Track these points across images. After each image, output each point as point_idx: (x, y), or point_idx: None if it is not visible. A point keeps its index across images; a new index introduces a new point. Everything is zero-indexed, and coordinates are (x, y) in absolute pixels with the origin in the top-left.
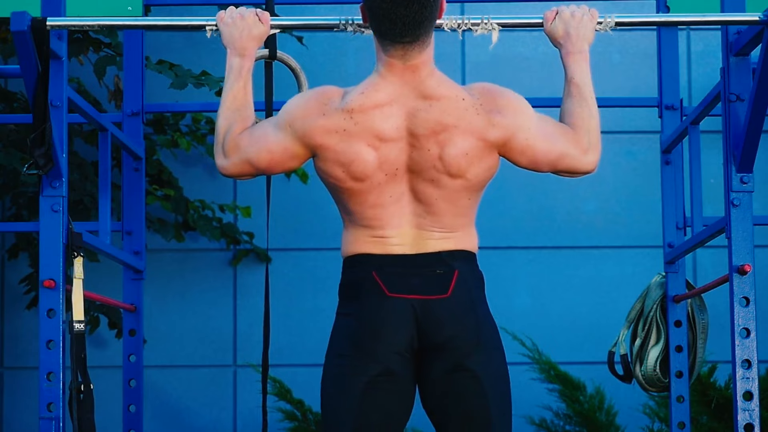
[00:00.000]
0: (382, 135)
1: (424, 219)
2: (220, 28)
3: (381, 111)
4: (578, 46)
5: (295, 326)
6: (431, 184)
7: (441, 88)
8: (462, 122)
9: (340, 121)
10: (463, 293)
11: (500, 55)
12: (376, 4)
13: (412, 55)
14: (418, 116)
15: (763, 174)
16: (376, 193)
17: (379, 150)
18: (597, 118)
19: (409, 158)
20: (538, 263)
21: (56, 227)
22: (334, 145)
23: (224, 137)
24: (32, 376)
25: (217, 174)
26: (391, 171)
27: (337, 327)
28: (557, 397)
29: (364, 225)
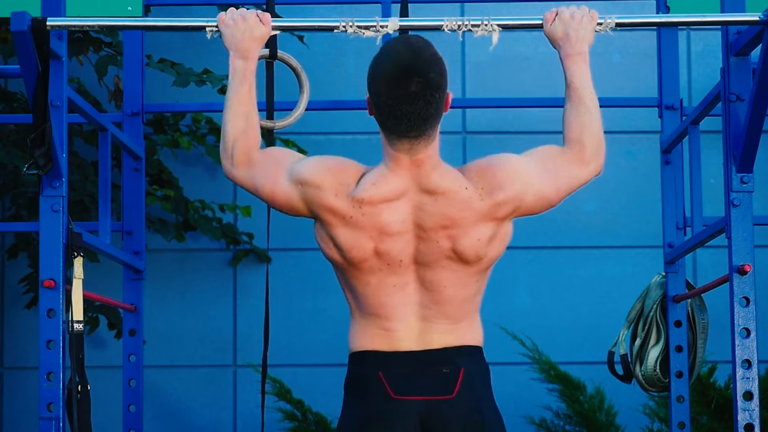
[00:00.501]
0: (388, 229)
1: (429, 310)
2: (221, 30)
3: (389, 205)
4: (577, 48)
5: (295, 326)
6: (441, 271)
7: (444, 181)
8: (469, 213)
9: (349, 208)
10: (468, 392)
11: (500, 56)
12: (382, 101)
13: (417, 149)
14: (425, 210)
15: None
16: (378, 279)
17: (381, 243)
18: (598, 120)
19: (416, 250)
20: (538, 263)
21: (56, 227)
22: (337, 227)
23: (233, 144)
24: (32, 376)
25: (217, 174)
26: (395, 262)
27: (342, 421)
28: (557, 397)
29: (370, 313)
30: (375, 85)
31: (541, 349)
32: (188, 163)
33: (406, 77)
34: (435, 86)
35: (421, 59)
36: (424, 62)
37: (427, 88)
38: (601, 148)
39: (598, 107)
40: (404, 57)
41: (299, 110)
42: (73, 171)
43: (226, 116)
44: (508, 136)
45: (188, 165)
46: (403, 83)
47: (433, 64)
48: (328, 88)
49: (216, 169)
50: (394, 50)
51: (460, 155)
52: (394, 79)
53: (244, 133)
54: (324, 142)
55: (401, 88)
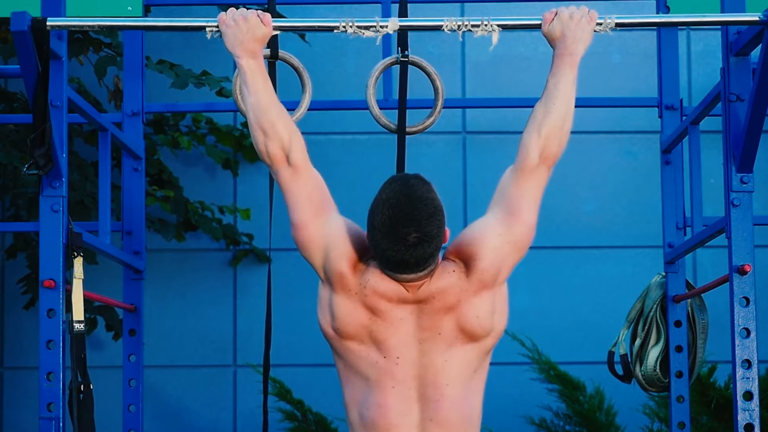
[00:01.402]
0: (386, 317)
1: (429, 422)
2: (222, 31)
3: (389, 301)
4: (571, 48)
5: (295, 326)
6: (443, 366)
7: (439, 282)
8: (463, 294)
9: (357, 286)
10: None
11: (500, 56)
12: (379, 249)
13: (419, 279)
14: (424, 310)
15: (763, 174)
16: (376, 372)
17: (376, 326)
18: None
19: (418, 351)
20: (538, 263)
21: (56, 227)
22: (339, 296)
23: (290, 139)
24: (32, 376)
25: (217, 174)
26: (392, 356)
27: None
28: (557, 397)
29: (371, 427)
30: (372, 233)
31: (541, 349)
32: (188, 164)
33: (403, 231)
34: (432, 237)
35: (418, 211)
36: (422, 215)
37: (425, 241)
38: (555, 147)
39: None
40: (401, 209)
41: (302, 109)
42: (73, 171)
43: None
44: (508, 136)
45: (188, 165)
46: (400, 236)
47: (431, 216)
48: (328, 88)
49: (216, 169)
50: (393, 199)
51: (460, 155)
52: (391, 232)
53: (291, 127)
54: (324, 142)
55: (398, 242)
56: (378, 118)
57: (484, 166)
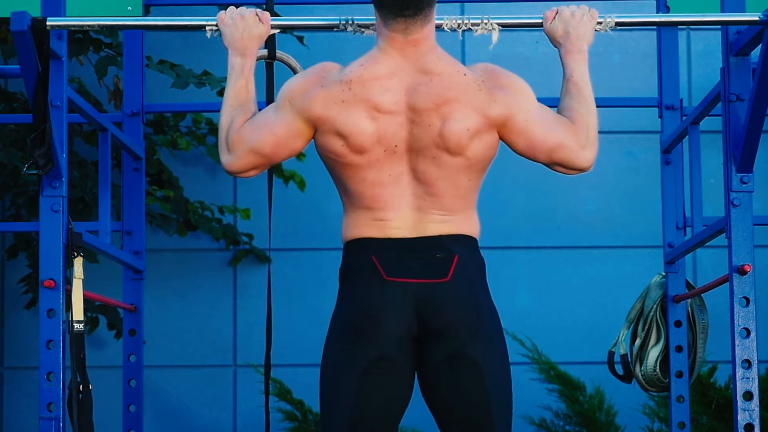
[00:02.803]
0: (381, 107)
1: (424, 201)
2: (221, 29)
3: (380, 83)
4: (577, 46)
5: (296, 326)
6: (432, 163)
7: (442, 62)
8: (464, 96)
9: (339, 92)
10: (463, 278)
11: (500, 55)
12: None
13: (413, 30)
14: (419, 90)
15: (763, 174)
16: (376, 170)
17: (377, 122)
18: (595, 116)
19: (409, 134)
20: (538, 263)
21: (56, 227)
22: (333, 116)
23: (227, 133)
24: (32, 376)
25: (217, 174)
26: (390, 147)
27: (336, 312)
28: (557, 397)
29: (364, 207)
30: None
31: (541, 349)
32: (188, 164)
33: None
34: None
35: None
36: None
37: None
38: (596, 143)
39: (595, 106)
40: None
41: None
42: (73, 169)
43: (223, 111)
44: None
45: (188, 165)
46: None
47: None
48: None
49: (216, 170)
50: None
51: None
52: None
53: (237, 119)
54: None
55: None
56: None
57: None
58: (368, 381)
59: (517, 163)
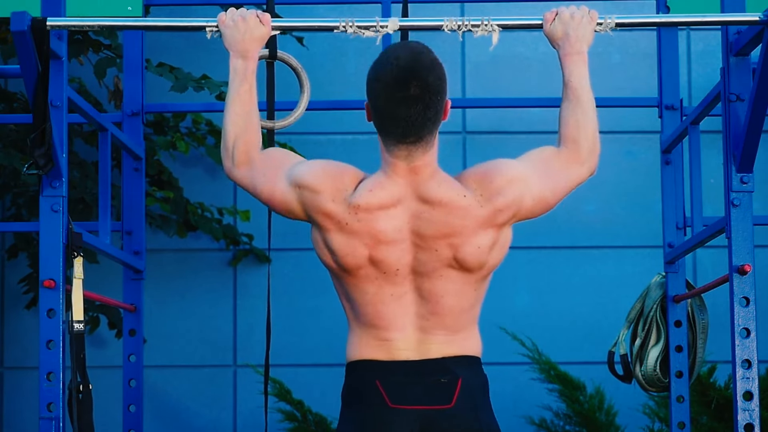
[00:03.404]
0: (383, 237)
1: (427, 320)
2: (222, 31)
3: (385, 212)
4: (576, 48)
5: (296, 326)
6: (439, 280)
7: (442, 189)
8: (469, 221)
9: (345, 214)
10: (466, 402)
11: (500, 56)
12: (380, 104)
13: (415, 156)
14: (422, 218)
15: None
16: (375, 288)
17: (377, 250)
18: (594, 120)
19: (414, 259)
20: (538, 263)
21: (56, 227)
22: (332, 232)
23: (233, 144)
24: (32, 376)
25: (217, 175)
26: (391, 271)
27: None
28: (557, 397)
29: (367, 324)
30: (374, 88)
31: (541, 349)
32: (188, 164)
33: (405, 80)
34: (434, 90)
35: (420, 63)
36: (424, 66)
37: (426, 92)
38: (596, 149)
39: (595, 108)
40: (404, 60)
41: (300, 110)
42: (73, 169)
43: (227, 116)
44: (508, 136)
45: (188, 166)
46: (402, 86)
47: (432, 68)
48: (328, 89)
49: (216, 170)
50: (394, 54)
51: (460, 155)
52: (393, 81)
53: (244, 132)
54: (324, 142)
55: (400, 90)
56: None
57: None
58: None
59: None
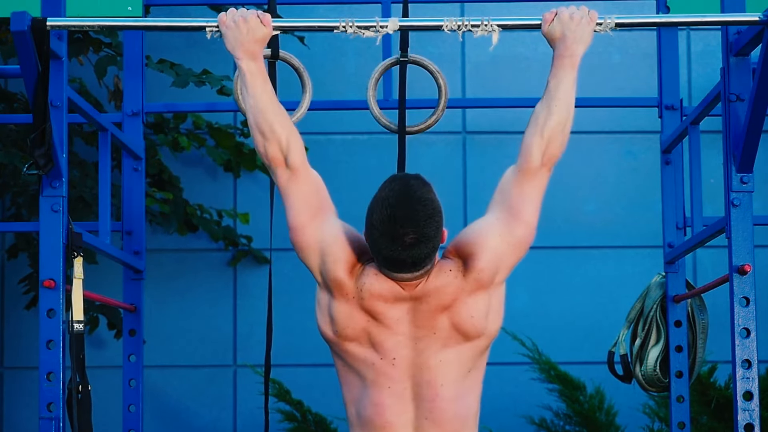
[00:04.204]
0: (383, 319)
1: (426, 419)
2: (223, 32)
3: (386, 302)
4: (572, 49)
5: (295, 327)
6: (439, 367)
7: (436, 280)
8: (460, 292)
9: (353, 290)
10: None
11: (500, 56)
12: (376, 247)
13: (415, 278)
14: (420, 309)
15: (763, 174)
16: (373, 373)
17: (375, 329)
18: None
19: (414, 351)
20: (538, 263)
21: (56, 227)
22: (337, 300)
23: (287, 143)
24: (32, 376)
25: (217, 176)
26: (388, 357)
27: None
28: (557, 397)
29: (368, 426)
30: (370, 232)
31: (541, 349)
32: (189, 165)
33: (401, 232)
34: (430, 238)
35: (417, 213)
36: (420, 216)
37: (422, 242)
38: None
39: (569, 109)
40: (400, 210)
41: (302, 109)
42: (72, 169)
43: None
44: (508, 136)
45: (189, 166)
46: (398, 237)
47: (429, 217)
48: (328, 88)
49: (216, 171)
50: (392, 199)
51: (460, 155)
52: (388, 232)
53: (292, 132)
54: (324, 142)
55: (395, 241)
56: (378, 119)
57: (484, 166)
58: None
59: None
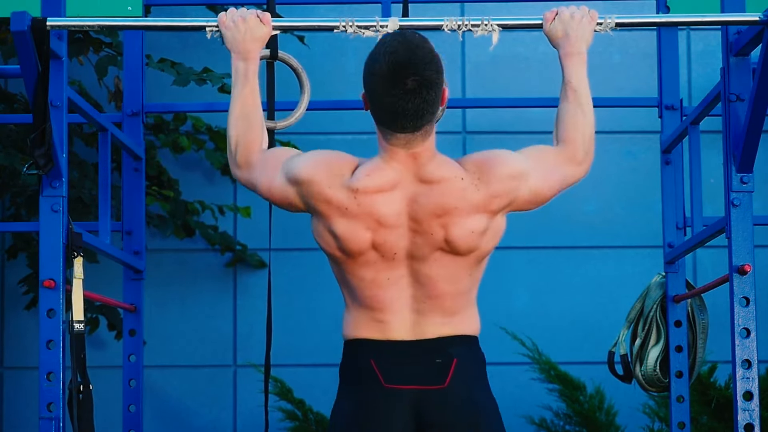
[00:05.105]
0: (383, 221)
1: (424, 303)
2: (222, 32)
3: (383, 196)
4: (576, 47)
5: (295, 326)
6: (434, 265)
7: (440, 170)
8: (464, 203)
9: (344, 199)
10: (460, 383)
11: (500, 56)
12: (377, 98)
13: (414, 144)
14: (419, 201)
15: (763, 174)
16: (373, 271)
17: (376, 233)
18: (592, 123)
19: (411, 242)
20: (538, 263)
21: (56, 227)
22: (333, 218)
23: (236, 147)
24: (32, 376)
25: (215, 178)
26: (389, 254)
27: (335, 412)
28: (557, 397)
29: (364, 306)
30: (370, 82)
31: (541, 349)
32: (187, 167)
33: (402, 75)
34: (431, 83)
35: (417, 56)
36: (421, 60)
37: (423, 86)
38: (592, 150)
39: (593, 110)
40: (400, 54)
41: (300, 110)
42: (72, 169)
43: (230, 119)
44: (508, 136)
45: (187, 169)
46: (399, 81)
47: (429, 61)
48: (328, 88)
49: (215, 173)
50: (390, 47)
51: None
52: (390, 76)
53: (246, 133)
54: (324, 142)
55: (397, 86)
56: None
57: None
58: None
59: None
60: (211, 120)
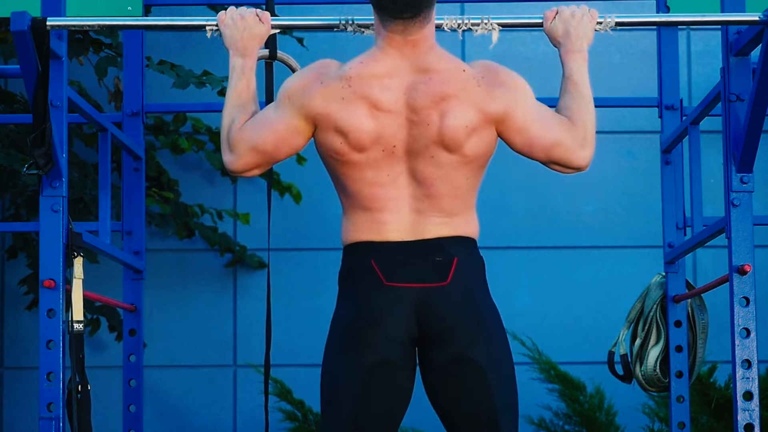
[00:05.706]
0: (380, 105)
1: (422, 202)
2: (222, 31)
3: (380, 81)
4: (578, 46)
5: (295, 326)
6: (430, 162)
7: (441, 61)
8: (462, 93)
9: (338, 89)
10: (462, 281)
11: (500, 55)
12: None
13: (412, 30)
14: (418, 89)
15: (763, 174)
16: (374, 169)
17: (376, 120)
18: (593, 116)
19: (408, 135)
20: (538, 263)
21: (56, 227)
22: (333, 112)
23: (228, 132)
24: (32, 376)
25: (215, 180)
26: (389, 147)
27: (336, 316)
28: (557, 397)
29: (363, 208)
30: None
31: (541, 349)
32: (187, 169)
33: None
34: None
35: None
36: None
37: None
38: (593, 142)
39: (593, 104)
40: None
41: None
42: (72, 169)
43: (224, 111)
44: None
45: (187, 170)
46: None
47: None
48: None
49: (215, 175)
50: None
51: None
52: None
53: (240, 116)
54: None
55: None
56: None
57: None
58: (369, 385)
59: (517, 163)
60: (211, 121)
